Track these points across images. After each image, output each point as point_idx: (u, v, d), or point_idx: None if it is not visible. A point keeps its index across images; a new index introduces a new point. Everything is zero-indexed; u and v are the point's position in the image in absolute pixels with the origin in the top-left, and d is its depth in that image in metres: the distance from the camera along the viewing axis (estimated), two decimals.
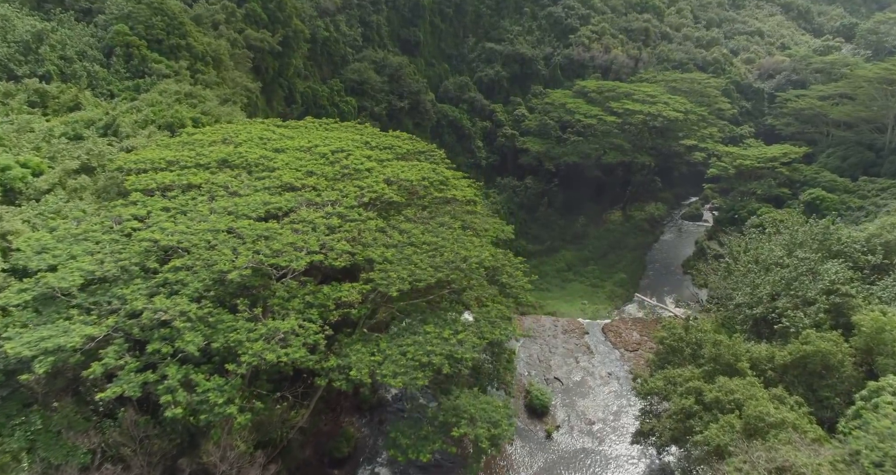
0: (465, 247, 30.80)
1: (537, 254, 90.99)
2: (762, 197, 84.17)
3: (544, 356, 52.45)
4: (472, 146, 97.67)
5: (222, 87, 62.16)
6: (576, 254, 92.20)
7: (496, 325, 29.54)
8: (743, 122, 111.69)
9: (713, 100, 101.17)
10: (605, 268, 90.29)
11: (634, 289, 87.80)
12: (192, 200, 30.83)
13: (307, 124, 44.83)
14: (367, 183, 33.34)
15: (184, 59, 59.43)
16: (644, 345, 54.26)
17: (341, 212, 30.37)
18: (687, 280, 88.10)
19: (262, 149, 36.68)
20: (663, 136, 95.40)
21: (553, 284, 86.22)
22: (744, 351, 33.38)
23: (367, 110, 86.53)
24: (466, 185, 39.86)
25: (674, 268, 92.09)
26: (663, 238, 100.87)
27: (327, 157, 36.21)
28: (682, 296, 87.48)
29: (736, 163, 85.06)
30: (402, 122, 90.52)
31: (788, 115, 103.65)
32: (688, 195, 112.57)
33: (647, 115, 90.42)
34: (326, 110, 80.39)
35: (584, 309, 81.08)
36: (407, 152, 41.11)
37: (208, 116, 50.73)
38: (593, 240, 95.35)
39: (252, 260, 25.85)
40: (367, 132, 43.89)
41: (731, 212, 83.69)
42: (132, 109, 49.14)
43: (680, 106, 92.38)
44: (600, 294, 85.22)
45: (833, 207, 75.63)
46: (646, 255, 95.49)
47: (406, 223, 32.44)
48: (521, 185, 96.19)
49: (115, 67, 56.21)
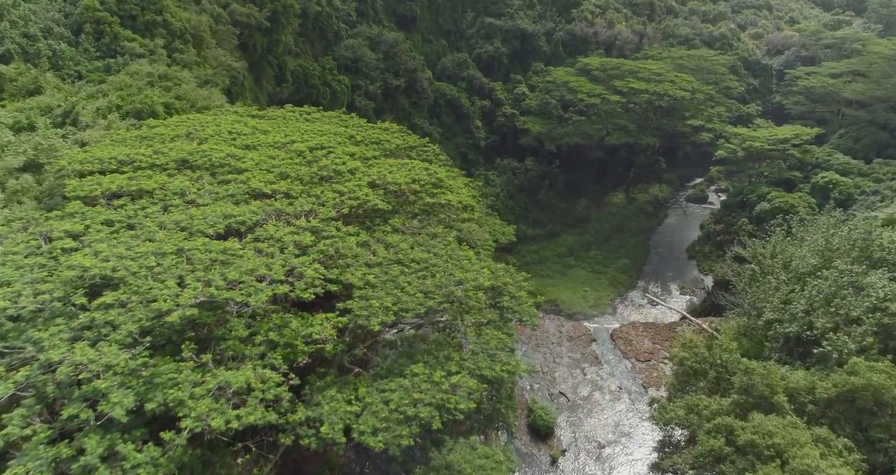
0: (460, 266, 25.57)
1: (538, 238, 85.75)
2: (772, 180, 78.67)
3: (548, 366, 47.53)
4: (470, 126, 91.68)
5: (203, 68, 56.34)
6: (577, 239, 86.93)
7: (496, 360, 24.47)
8: (750, 100, 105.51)
9: (721, 78, 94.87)
10: (608, 253, 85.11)
11: (638, 275, 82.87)
12: (141, 212, 25.49)
13: (286, 114, 39.00)
14: (349, 187, 27.94)
15: (160, 37, 53.41)
16: (657, 354, 49.24)
17: (316, 226, 25.02)
18: (692, 265, 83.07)
19: (230, 146, 31.19)
20: (669, 116, 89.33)
21: (554, 270, 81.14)
22: (779, 379, 28.33)
23: (361, 89, 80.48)
24: (463, 184, 34.42)
25: (678, 253, 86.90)
26: (667, 221, 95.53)
27: (304, 155, 30.66)
28: (686, 282, 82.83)
29: (745, 145, 79.17)
30: (397, 102, 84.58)
31: (798, 93, 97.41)
32: (692, 176, 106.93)
33: (653, 94, 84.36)
34: (318, 90, 74.46)
35: (585, 296, 76.35)
36: (396, 148, 35.48)
37: (183, 101, 45.12)
38: (595, 224, 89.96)
39: (201, 293, 20.60)
40: (353, 124, 38.15)
41: (740, 196, 78.06)
42: (97, 94, 43.58)
43: (687, 84, 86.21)
44: (603, 280, 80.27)
45: (847, 192, 70.17)
46: (649, 240, 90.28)
47: (393, 235, 27.19)
48: (522, 167, 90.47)
49: (83, 46, 50.22)
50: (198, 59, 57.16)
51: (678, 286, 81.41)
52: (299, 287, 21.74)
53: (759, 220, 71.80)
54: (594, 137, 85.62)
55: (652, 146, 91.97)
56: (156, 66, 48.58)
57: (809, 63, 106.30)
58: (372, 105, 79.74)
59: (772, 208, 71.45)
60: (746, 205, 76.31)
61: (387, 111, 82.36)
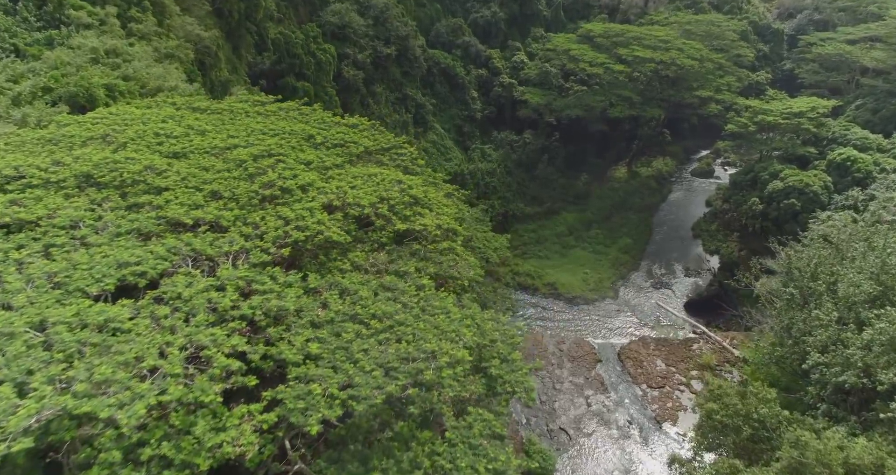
0: (434, 326, 18.74)
1: (536, 216, 79.08)
2: (784, 156, 71.23)
3: (547, 394, 40.97)
4: (466, 97, 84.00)
5: (165, 39, 48.77)
6: (577, 217, 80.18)
7: (480, 454, 17.84)
8: (760, 68, 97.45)
9: (731, 45, 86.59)
10: (609, 231, 78.54)
11: (640, 255, 76.55)
12: (9, 255, 18.38)
13: (235, 106, 30.93)
14: (298, 211, 20.72)
15: (112, 5, 45.68)
16: (671, 379, 42.45)
17: (246, 275, 18.08)
18: (697, 244, 76.53)
19: (154, 153, 23.89)
20: (675, 87, 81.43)
21: (553, 251, 74.73)
22: (837, 455, 21.72)
23: (348, 58, 72.63)
24: (445, 193, 26.97)
25: (683, 231, 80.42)
26: (671, 197, 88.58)
27: (247, 165, 23.47)
28: (691, 262, 76.10)
29: (757, 118, 71.79)
30: (388, 71, 76.81)
31: (812, 61, 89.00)
32: (698, 148, 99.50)
33: (659, 63, 76.67)
34: (302, 60, 66.78)
35: (586, 278, 70.16)
36: (365, 152, 27.95)
37: (131, 82, 37.92)
38: (596, 201, 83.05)
39: (47, 407, 13.79)
40: (315, 119, 30.19)
41: (751, 173, 70.98)
42: (27, 73, 36.16)
43: (695, 52, 78.28)
44: (604, 262, 73.91)
45: (866, 169, 62.87)
46: (653, 217, 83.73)
47: (352, 275, 20.18)
48: (520, 140, 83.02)
49: (22, 15, 42.76)
50: (159, 29, 49.83)
51: (683, 267, 75.05)
52: (199, 384, 14.78)
53: (770, 199, 64.79)
54: (596, 110, 77.95)
55: (657, 118, 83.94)
56: (104, 40, 40.96)
57: (822, 28, 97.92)
58: (361, 75, 72.01)
59: (785, 187, 64.58)
60: (757, 183, 69.24)
61: (377, 81, 74.79)
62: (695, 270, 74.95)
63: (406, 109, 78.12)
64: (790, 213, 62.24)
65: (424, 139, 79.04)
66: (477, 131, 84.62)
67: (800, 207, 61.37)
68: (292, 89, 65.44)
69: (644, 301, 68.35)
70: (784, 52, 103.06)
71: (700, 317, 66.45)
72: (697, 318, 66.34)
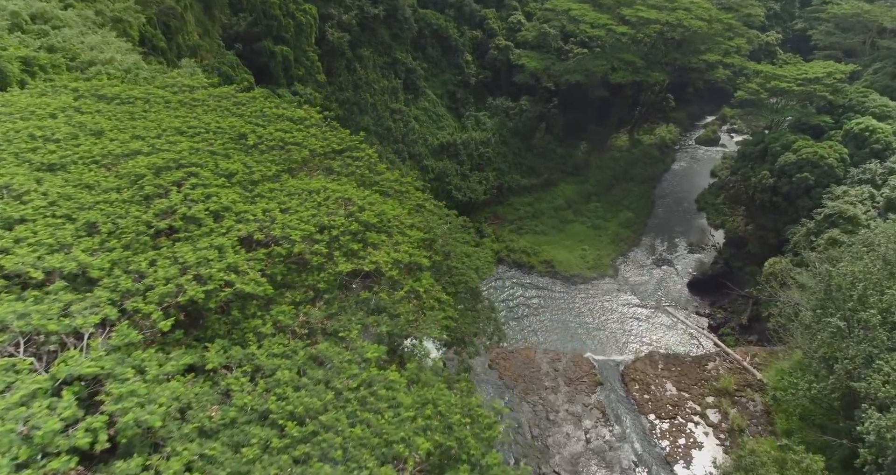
0: (376, 438, 12.62)
1: (533, 189, 73.04)
2: (797, 125, 64.23)
3: (540, 427, 34.26)
4: (459, 60, 76.69)
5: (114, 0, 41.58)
6: (576, 189, 73.88)
7: None
8: (769, 28, 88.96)
9: (741, 3, 78.17)
10: (609, 205, 72.44)
11: (641, 230, 70.68)
12: None
13: (154, 93, 23.25)
14: (202, 252, 14.40)
15: None
16: (683, 406, 35.42)
17: (98, 369, 11.80)
18: (701, 218, 70.37)
19: (20, 164, 17.29)
20: (681, 50, 74.02)
21: (550, 226, 68.72)
22: None
23: (332, 20, 65.16)
24: (411, 209, 20.16)
25: (686, 203, 74.36)
26: (674, 167, 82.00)
27: (144, 182, 16.72)
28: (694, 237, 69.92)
29: (769, 85, 64.62)
30: (376, 33, 69.54)
31: (826, 20, 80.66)
32: (703, 114, 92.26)
33: (665, 24, 69.18)
34: (279, 21, 59.35)
35: (584, 256, 64.47)
36: (309, 157, 20.81)
37: (56, 54, 31.08)
38: (596, 172, 76.65)
39: None
40: (253, 111, 22.59)
41: (760, 144, 64.20)
42: None
43: (703, 13, 70.99)
44: (603, 237, 68.07)
45: (885, 141, 56.49)
46: (655, 188, 77.70)
47: (272, 342, 14.05)
48: (516, 107, 75.98)
49: None
50: None
51: (686, 243, 68.99)
52: None
53: (781, 173, 58.26)
54: (597, 75, 70.78)
55: (661, 83, 76.19)
56: (30, 2, 33.97)
57: None
58: (346, 38, 64.83)
59: (797, 160, 58.51)
60: (767, 154, 62.35)
61: (364, 44, 67.57)
62: (698, 246, 69.02)
63: (395, 74, 70.96)
64: (803, 187, 56.35)
65: (415, 106, 72.14)
66: (471, 97, 77.45)
67: (813, 181, 55.49)
68: (269, 54, 58.49)
69: (646, 279, 62.62)
70: (796, 11, 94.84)
71: (704, 297, 60.87)
72: (701, 298, 60.69)
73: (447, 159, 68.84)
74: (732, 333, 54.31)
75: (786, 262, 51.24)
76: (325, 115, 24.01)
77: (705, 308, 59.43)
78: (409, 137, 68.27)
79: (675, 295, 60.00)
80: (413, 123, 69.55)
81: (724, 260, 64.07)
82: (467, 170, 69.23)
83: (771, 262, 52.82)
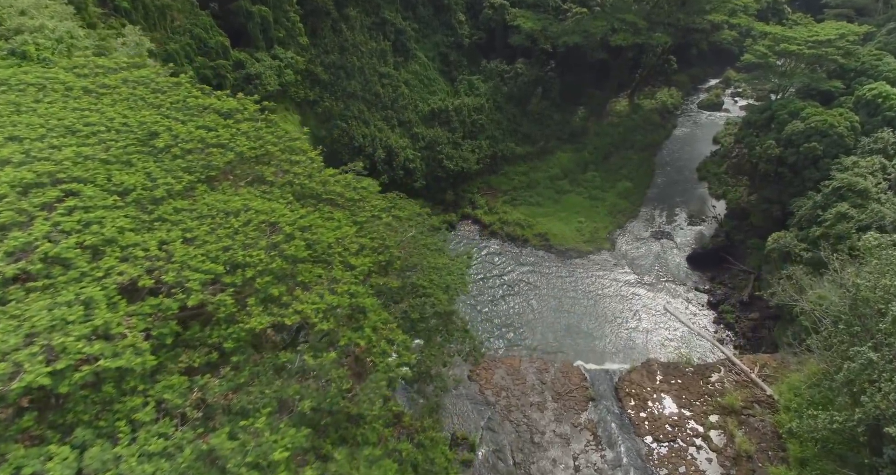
0: None
1: (528, 157, 68.98)
2: (805, 91, 59.69)
3: (524, 451, 30.28)
4: (452, 21, 71.59)
5: None
6: (573, 157, 69.74)
7: None
8: None
9: None
10: (607, 174, 68.53)
11: (640, 201, 67.02)
12: None
13: (54, 78, 18.37)
14: (60, 311, 10.43)
15: None
16: (683, 427, 30.71)
17: None
18: (702, 188, 66.57)
19: None
20: (685, 9, 68.83)
21: (545, 197, 65.10)
22: None
23: None
24: (369, 216, 16.03)
25: (687, 172, 70.51)
26: (676, 133, 77.52)
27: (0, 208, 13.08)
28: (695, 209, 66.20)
29: (779, 47, 59.71)
30: None
31: None
32: (707, 77, 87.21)
33: None
34: None
35: (580, 228, 61.03)
36: (236, 162, 16.34)
37: None
38: (594, 138, 72.35)
39: None
40: (174, 101, 17.76)
41: (767, 112, 59.81)
42: None
43: None
44: (600, 209, 64.47)
45: None
46: (655, 156, 73.67)
47: (149, 434, 10.41)
48: (511, 70, 71.16)
49: None
50: None
51: (686, 215, 65.29)
52: None
53: (788, 142, 54.27)
54: (596, 36, 65.84)
55: (663, 44, 71.05)
56: None
57: None
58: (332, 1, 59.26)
59: (806, 129, 54.75)
60: (774, 123, 58.14)
61: (350, 4, 62.89)
62: (699, 218, 65.27)
63: (384, 36, 65.99)
64: (810, 157, 52.41)
65: (405, 69, 67.40)
66: (464, 60, 72.55)
67: (821, 152, 51.54)
68: (247, 14, 53.90)
69: (643, 253, 59.20)
70: None
71: (704, 272, 57.60)
72: (700, 273, 57.31)
73: (438, 127, 64.58)
74: (733, 310, 51.43)
75: (790, 237, 47.71)
76: (263, 105, 19.71)
77: (705, 283, 56.27)
78: (398, 103, 63.86)
79: (673, 269, 56.76)
80: (403, 88, 64.98)
81: (725, 232, 60.72)
82: (459, 138, 64.98)
83: (775, 237, 49.36)
